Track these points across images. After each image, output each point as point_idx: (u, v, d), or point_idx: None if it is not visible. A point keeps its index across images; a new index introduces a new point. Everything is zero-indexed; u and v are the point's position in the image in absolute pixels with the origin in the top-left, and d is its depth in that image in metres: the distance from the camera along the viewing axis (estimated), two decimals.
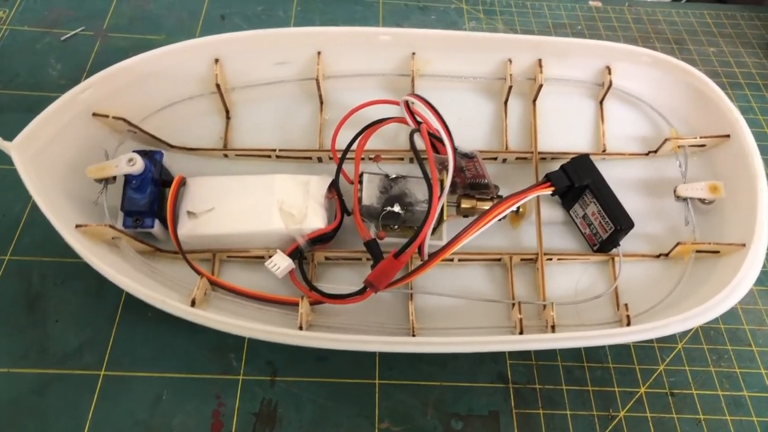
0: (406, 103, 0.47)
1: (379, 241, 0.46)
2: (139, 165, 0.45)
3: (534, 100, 0.55)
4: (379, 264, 0.42)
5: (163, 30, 0.68)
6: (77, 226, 0.43)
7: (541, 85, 0.54)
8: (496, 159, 0.54)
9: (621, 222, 0.47)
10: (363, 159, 0.51)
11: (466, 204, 0.49)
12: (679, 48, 0.75)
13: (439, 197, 0.43)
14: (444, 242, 0.44)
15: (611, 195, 0.48)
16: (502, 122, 0.55)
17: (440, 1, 0.76)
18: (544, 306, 0.47)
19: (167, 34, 0.67)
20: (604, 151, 0.54)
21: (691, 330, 0.51)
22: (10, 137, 0.42)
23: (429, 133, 0.45)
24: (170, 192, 0.46)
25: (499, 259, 0.50)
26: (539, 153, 0.53)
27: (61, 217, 0.42)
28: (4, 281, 0.49)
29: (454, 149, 0.45)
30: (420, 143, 0.45)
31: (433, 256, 0.43)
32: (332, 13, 0.73)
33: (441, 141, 0.46)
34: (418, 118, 0.49)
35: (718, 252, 0.48)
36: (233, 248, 0.48)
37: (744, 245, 0.46)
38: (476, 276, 0.51)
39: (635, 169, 0.55)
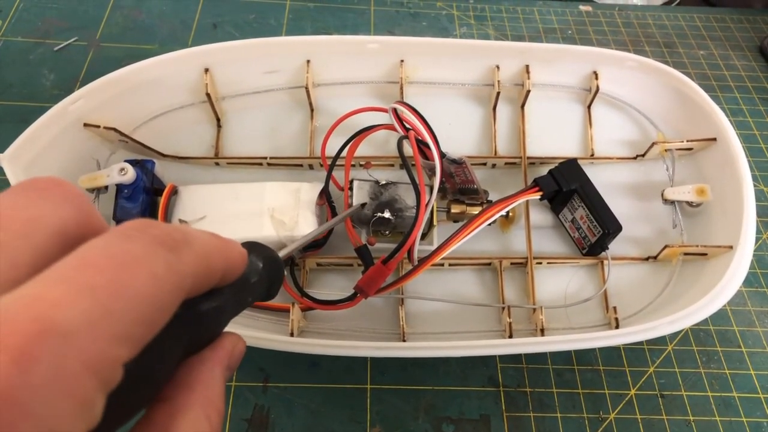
0: (395, 111, 0.47)
1: (369, 246, 0.46)
2: (130, 174, 0.46)
3: (522, 106, 0.55)
4: (368, 270, 0.43)
5: (156, 39, 0.68)
6: None
7: (528, 91, 0.54)
8: (485, 164, 0.55)
9: (609, 225, 0.48)
10: (353, 166, 0.51)
11: (455, 209, 0.49)
12: (669, 51, 0.76)
13: (427, 203, 0.43)
14: (434, 247, 0.45)
15: (599, 199, 0.49)
16: (491, 128, 0.56)
17: (431, 8, 0.77)
18: (534, 310, 0.48)
19: (160, 43, 0.68)
20: (592, 155, 0.55)
21: (680, 332, 0.51)
22: (2, 148, 0.42)
23: (417, 140, 0.45)
24: (161, 201, 0.46)
25: (489, 264, 0.51)
26: (528, 158, 0.54)
27: None
28: None
29: (441, 155, 0.45)
30: (409, 150, 0.45)
31: (423, 261, 0.43)
32: (324, 20, 0.73)
33: (429, 147, 0.46)
34: (407, 125, 0.49)
35: (705, 254, 0.49)
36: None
37: (731, 247, 0.46)
38: (466, 280, 0.51)
39: (623, 173, 0.55)
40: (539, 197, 0.48)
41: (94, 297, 0.14)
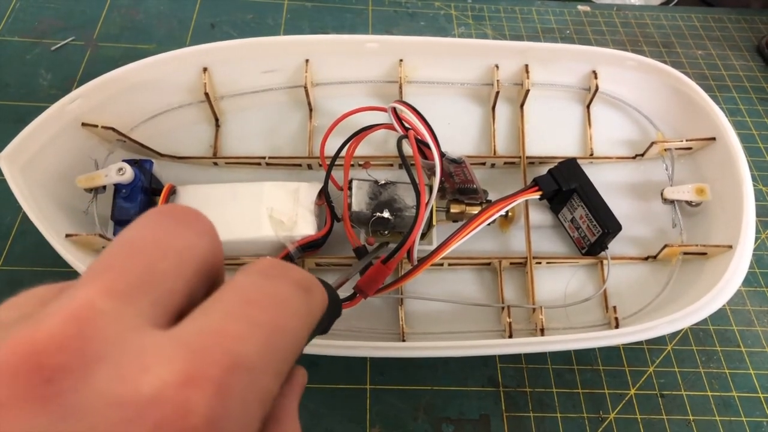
0: (394, 110, 0.47)
1: (368, 246, 0.46)
2: (128, 174, 0.46)
3: (521, 105, 0.55)
4: (368, 270, 0.43)
5: (154, 39, 0.68)
6: (67, 235, 0.43)
7: (528, 91, 0.54)
8: (484, 164, 0.55)
9: (608, 225, 0.47)
10: (352, 165, 0.51)
11: (455, 209, 0.49)
12: (667, 51, 0.76)
13: (427, 202, 0.43)
14: (434, 247, 0.45)
15: (599, 198, 0.48)
16: (490, 127, 0.56)
17: (429, 8, 0.77)
18: (534, 309, 0.48)
19: (157, 43, 0.68)
20: (591, 154, 0.55)
21: (680, 331, 0.51)
22: (0, 148, 0.42)
23: (417, 140, 0.45)
24: (159, 201, 0.46)
25: (489, 264, 0.51)
26: (527, 157, 0.54)
27: (52, 227, 0.43)
28: None
29: (441, 155, 0.45)
30: (408, 150, 0.45)
31: (422, 260, 0.43)
32: (322, 20, 0.73)
33: (429, 147, 0.46)
34: (407, 125, 0.49)
35: (705, 254, 0.49)
36: (224, 256, 0.48)
37: (730, 247, 0.46)
38: (466, 280, 0.51)
39: (622, 173, 0.55)
40: (539, 197, 0.48)
41: (262, 334, 0.15)
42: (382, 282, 0.43)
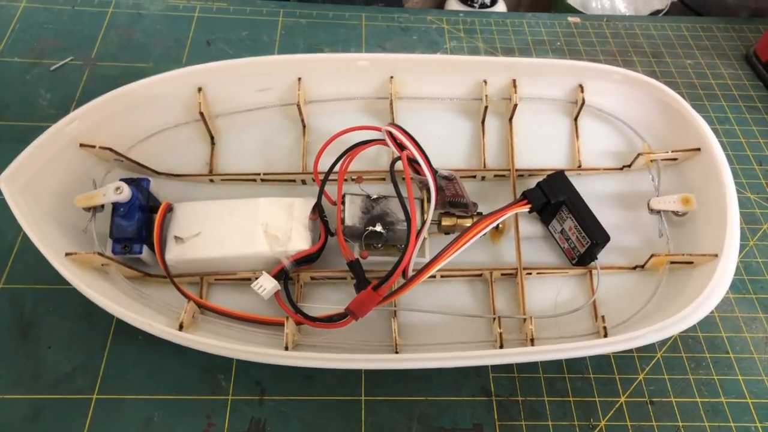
0: (389, 133, 0.48)
1: (362, 260, 0.47)
2: (126, 193, 0.47)
3: (510, 119, 0.56)
4: (359, 295, 0.43)
5: (151, 57, 0.69)
6: (67, 254, 0.44)
7: (516, 105, 0.55)
8: (474, 177, 0.56)
9: (597, 236, 0.48)
10: (345, 180, 0.52)
11: (447, 222, 0.50)
12: (657, 61, 0.77)
13: (418, 232, 0.44)
14: (426, 260, 0.46)
15: (587, 210, 0.49)
16: (479, 141, 0.57)
17: (421, 22, 0.78)
18: (524, 320, 0.49)
19: (155, 61, 0.69)
20: (579, 166, 0.56)
21: (669, 339, 0.52)
22: (0, 168, 0.43)
23: (410, 159, 0.46)
24: (157, 218, 0.47)
25: (480, 275, 0.52)
26: (516, 170, 0.55)
27: (51, 246, 0.44)
28: None
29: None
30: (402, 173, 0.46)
31: (416, 275, 0.44)
32: (316, 36, 0.74)
33: (422, 167, 0.46)
34: (400, 143, 0.50)
35: (691, 263, 0.50)
36: (220, 271, 0.49)
37: (716, 255, 0.47)
38: (458, 291, 0.52)
39: (610, 184, 0.56)
40: (528, 210, 0.49)
41: None
42: (372, 307, 0.44)
